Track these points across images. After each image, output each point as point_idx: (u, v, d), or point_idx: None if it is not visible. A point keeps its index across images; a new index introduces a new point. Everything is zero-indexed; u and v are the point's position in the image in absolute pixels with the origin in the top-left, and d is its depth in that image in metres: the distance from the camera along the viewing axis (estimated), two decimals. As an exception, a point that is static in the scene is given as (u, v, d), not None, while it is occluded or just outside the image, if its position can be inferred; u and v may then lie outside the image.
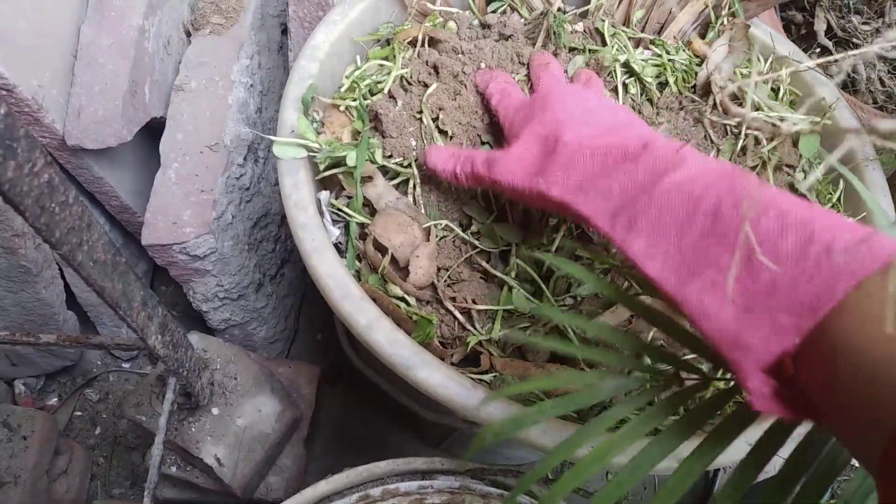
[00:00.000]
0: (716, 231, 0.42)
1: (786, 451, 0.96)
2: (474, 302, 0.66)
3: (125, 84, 0.93)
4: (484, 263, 0.67)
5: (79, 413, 1.25)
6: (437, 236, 0.68)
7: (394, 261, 0.67)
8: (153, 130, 1.02)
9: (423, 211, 0.70)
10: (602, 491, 0.48)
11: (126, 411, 0.90)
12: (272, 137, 0.70)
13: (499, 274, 0.67)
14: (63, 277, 1.09)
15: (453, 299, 0.67)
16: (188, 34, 1.11)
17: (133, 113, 0.95)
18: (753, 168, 0.78)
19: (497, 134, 0.74)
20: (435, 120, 0.74)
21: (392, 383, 0.93)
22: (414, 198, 0.70)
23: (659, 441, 0.52)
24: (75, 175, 1.00)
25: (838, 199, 0.82)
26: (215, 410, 0.89)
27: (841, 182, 0.83)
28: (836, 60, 1.06)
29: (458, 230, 0.69)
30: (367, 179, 0.69)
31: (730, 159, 0.78)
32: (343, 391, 1.31)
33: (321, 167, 0.71)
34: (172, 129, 0.99)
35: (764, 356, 0.37)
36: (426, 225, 0.68)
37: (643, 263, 0.45)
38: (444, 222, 0.69)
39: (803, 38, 1.21)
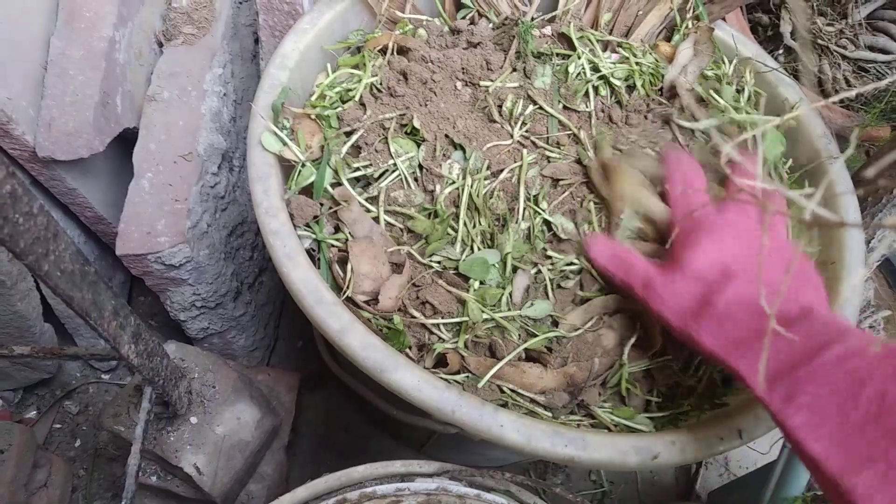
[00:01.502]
0: (883, 421, 0.42)
1: (763, 445, 0.97)
2: (437, 312, 0.67)
3: (96, 95, 0.93)
4: (443, 283, 0.68)
5: (58, 426, 1.24)
6: (408, 269, 0.68)
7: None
8: (126, 141, 1.02)
9: (392, 235, 0.71)
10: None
11: (104, 422, 0.90)
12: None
13: (454, 290, 0.67)
14: (39, 290, 1.08)
15: (421, 308, 0.67)
16: (160, 45, 1.11)
17: (105, 124, 0.95)
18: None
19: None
20: (409, 132, 0.75)
21: (371, 389, 0.93)
22: (383, 219, 0.71)
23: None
24: (48, 187, 1.00)
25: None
26: (194, 419, 0.89)
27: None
28: (797, 63, 1.07)
29: (419, 257, 0.69)
30: (343, 204, 0.70)
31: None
32: (324, 398, 1.31)
33: (289, 190, 0.71)
34: (145, 139, 0.99)
35: None
36: (394, 250, 0.69)
37: (804, 440, 0.45)
38: (406, 249, 0.70)
39: (770, 39, 1.24)
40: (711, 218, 0.62)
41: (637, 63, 0.84)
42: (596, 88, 0.82)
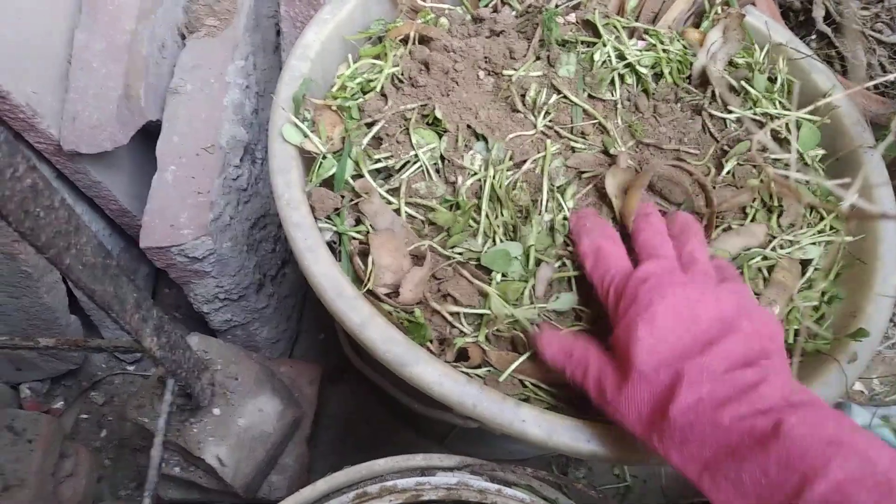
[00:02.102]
0: None
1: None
2: (459, 305, 0.66)
3: (120, 88, 0.93)
4: (466, 273, 0.67)
5: (84, 416, 1.26)
6: (429, 261, 0.68)
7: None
8: (149, 134, 1.02)
9: (413, 227, 0.70)
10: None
11: (129, 413, 0.91)
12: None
13: (476, 282, 0.66)
14: (65, 282, 1.09)
15: (442, 301, 0.66)
16: (183, 37, 1.11)
17: (128, 116, 0.95)
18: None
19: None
20: (430, 122, 0.74)
21: (392, 382, 0.93)
22: (404, 211, 0.70)
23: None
24: (73, 180, 1.00)
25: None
26: (216, 411, 0.89)
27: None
28: (836, 49, 1.04)
29: (440, 249, 0.68)
30: (364, 196, 0.69)
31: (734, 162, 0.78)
32: (346, 390, 1.31)
33: (310, 182, 0.70)
34: (168, 132, 0.99)
35: None
36: (416, 246, 0.68)
37: None
38: (427, 243, 0.68)
39: (801, 24, 1.20)
40: (643, 294, 0.53)
41: (664, 50, 0.82)
42: (622, 77, 0.80)
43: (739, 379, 0.47)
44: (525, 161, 0.73)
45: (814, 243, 0.75)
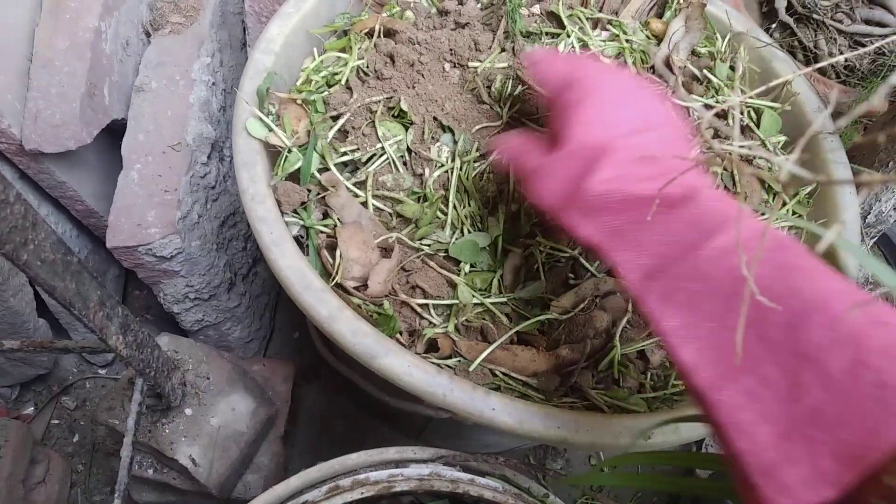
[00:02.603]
0: (760, 325, 0.35)
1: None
2: (428, 296, 0.66)
3: (83, 86, 0.92)
4: (434, 265, 0.67)
5: (56, 421, 1.24)
6: (397, 253, 0.68)
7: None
8: (115, 133, 1.01)
9: (381, 220, 0.70)
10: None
11: (99, 416, 0.90)
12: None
13: (444, 273, 0.67)
14: (33, 285, 1.07)
15: (411, 293, 0.66)
16: (147, 34, 1.10)
17: (92, 115, 0.94)
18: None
19: (465, 119, 0.74)
20: (396, 115, 0.74)
21: (363, 376, 0.93)
22: (371, 204, 0.70)
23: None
24: (37, 180, 0.99)
25: (808, 196, 0.81)
26: (188, 411, 0.88)
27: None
28: (795, 36, 1.06)
29: (408, 241, 0.68)
30: (330, 189, 0.69)
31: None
32: (321, 388, 1.30)
33: (276, 176, 0.70)
34: (134, 130, 0.98)
35: (796, 502, 0.32)
36: (383, 238, 0.68)
37: (676, 347, 0.39)
38: (395, 235, 0.69)
39: (765, 15, 1.22)
40: (587, 81, 0.53)
41: (627, 40, 0.82)
42: (586, 67, 0.81)
43: (666, 164, 0.47)
44: (491, 152, 0.74)
45: (777, 228, 0.76)
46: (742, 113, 0.80)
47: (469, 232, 0.69)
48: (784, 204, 0.77)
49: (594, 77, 0.54)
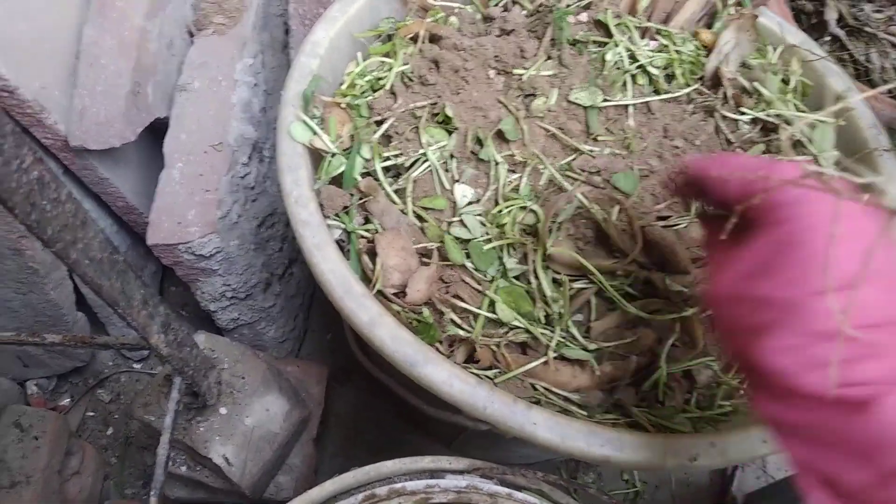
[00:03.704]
0: None
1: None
2: (465, 304, 0.65)
3: (127, 84, 0.93)
4: (470, 281, 0.67)
5: (91, 413, 1.25)
6: (437, 262, 0.67)
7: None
8: (157, 131, 1.02)
9: (421, 226, 0.70)
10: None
11: (135, 412, 0.90)
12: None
13: (479, 288, 0.66)
14: (72, 279, 1.09)
15: (451, 302, 0.66)
16: (191, 34, 1.11)
17: (136, 113, 0.95)
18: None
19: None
20: (440, 121, 0.73)
21: (400, 383, 0.92)
22: (411, 211, 0.70)
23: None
24: (80, 176, 1.00)
25: None
26: (223, 410, 0.88)
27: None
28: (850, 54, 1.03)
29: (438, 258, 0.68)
30: (371, 195, 0.68)
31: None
32: (353, 391, 1.30)
33: (319, 180, 0.70)
34: (176, 129, 0.99)
35: None
36: (422, 245, 0.68)
37: None
38: (435, 245, 0.68)
39: (813, 27, 1.19)
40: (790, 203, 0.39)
41: (676, 51, 0.81)
42: (634, 77, 0.80)
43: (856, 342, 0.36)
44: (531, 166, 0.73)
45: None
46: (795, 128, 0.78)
47: (508, 256, 0.68)
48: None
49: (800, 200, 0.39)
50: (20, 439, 0.99)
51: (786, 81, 0.83)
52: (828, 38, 1.14)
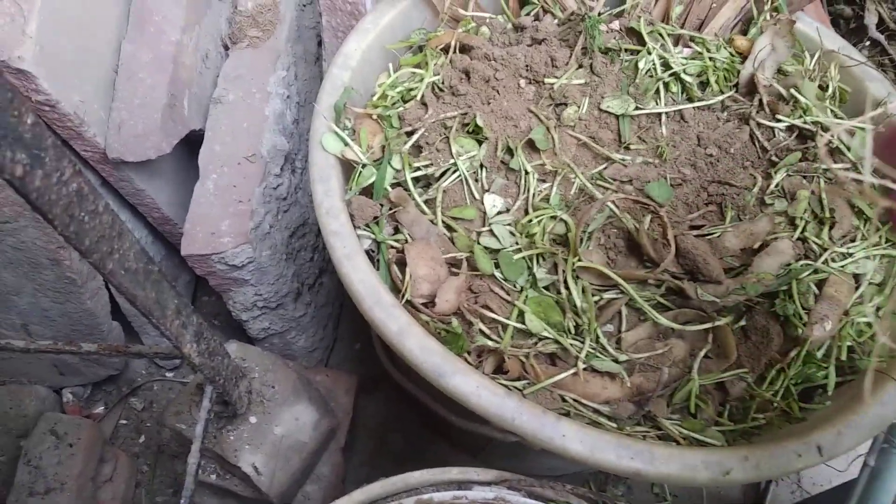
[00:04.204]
0: None
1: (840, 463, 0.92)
2: (490, 310, 0.64)
3: (164, 97, 0.95)
4: (499, 292, 0.66)
5: (124, 421, 1.27)
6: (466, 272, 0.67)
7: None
8: (192, 143, 1.04)
9: (450, 236, 0.69)
10: None
11: (167, 420, 0.91)
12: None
13: (508, 298, 0.66)
14: (108, 288, 1.11)
15: (480, 312, 0.65)
16: (226, 48, 1.13)
17: (172, 126, 0.97)
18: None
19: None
20: (470, 131, 0.73)
21: (428, 393, 0.92)
22: (440, 221, 0.69)
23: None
24: (117, 188, 1.02)
25: None
26: (253, 419, 0.89)
27: None
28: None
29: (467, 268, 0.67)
30: (401, 206, 0.69)
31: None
32: (381, 401, 1.30)
33: (350, 191, 0.70)
34: (211, 141, 1.00)
35: None
36: (451, 256, 0.67)
37: None
38: (464, 255, 0.68)
39: (853, 32, 1.17)
40: None
41: (711, 58, 0.80)
42: (667, 85, 0.79)
43: None
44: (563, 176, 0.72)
45: (868, 257, 0.71)
46: (833, 135, 0.76)
47: (539, 266, 0.68)
48: (877, 230, 0.73)
49: None
50: (56, 446, 1.01)
51: (823, 88, 0.81)
52: (868, 43, 1.12)
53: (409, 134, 0.73)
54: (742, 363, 0.65)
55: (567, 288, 0.65)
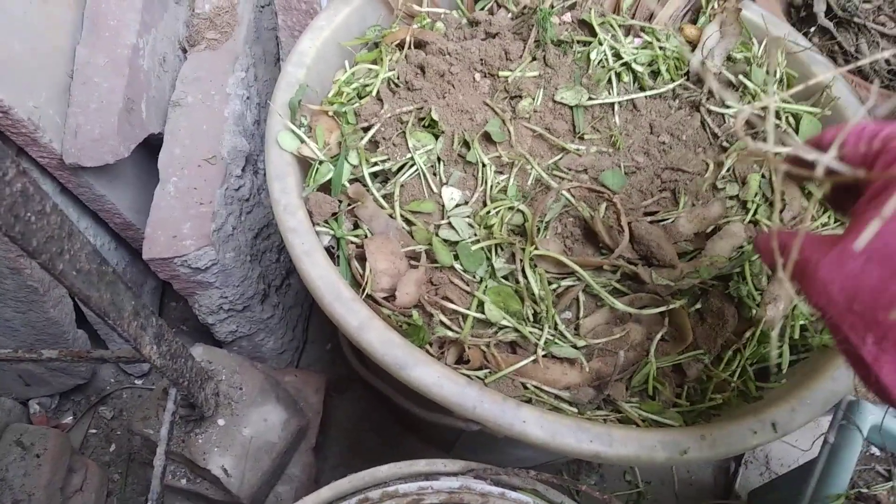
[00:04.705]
0: None
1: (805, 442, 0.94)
2: (450, 301, 0.65)
3: (121, 101, 0.94)
4: (459, 283, 0.67)
5: (93, 431, 1.26)
6: (425, 264, 0.67)
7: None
8: (152, 147, 1.03)
9: (409, 230, 0.70)
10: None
11: (134, 425, 0.91)
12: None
13: (467, 289, 0.66)
14: (72, 297, 1.10)
15: (441, 304, 0.66)
16: (184, 50, 1.12)
17: (130, 130, 0.96)
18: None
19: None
20: (426, 125, 0.74)
21: (394, 387, 0.92)
22: (399, 215, 0.70)
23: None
24: (77, 194, 1.01)
25: None
26: (221, 421, 0.89)
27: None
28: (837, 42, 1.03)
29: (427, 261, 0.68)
30: (359, 201, 0.69)
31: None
32: (354, 400, 1.30)
33: (307, 187, 0.71)
34: (170, 144, 1.00)
35: None
36: (411, 248, 0.68)
37: None
38: (423, 248, 0.68)
39: (803, 20, 1.19)
40: None
41: (661, 47, 0.81)
42: (619, 75, 0.80)
43: None
44: (520, 166, 0.73)
45: (818, 237, 0.73)
46: (780, 118, 0.78)
47: (497, 257, 0.68)
48: (826, 211, 0.75)
49: None
50: (22, 457, 0.99)
51: (771, 73, 0.83)
52: (814, 29, 1.15)
53: (366, 129, 0.74)
54: (699, 345, 0.67)
55: (525, 277, 0.66)
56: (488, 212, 0.70)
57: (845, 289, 0.37)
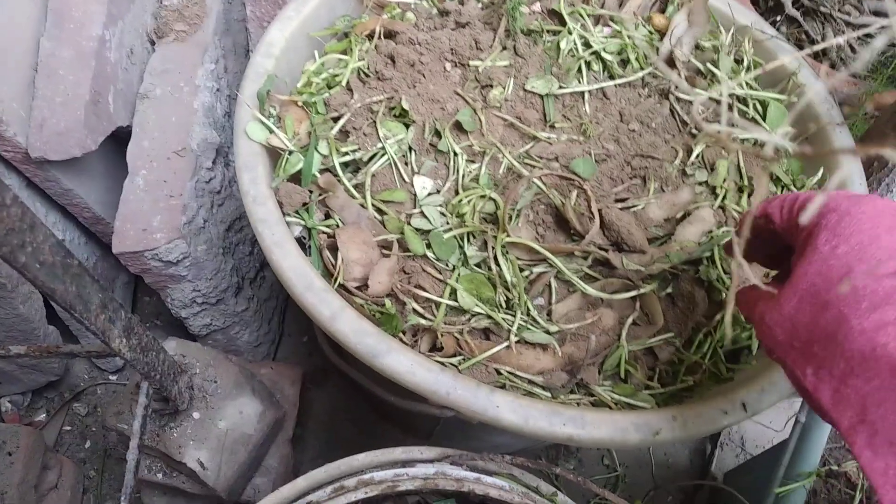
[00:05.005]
0: None
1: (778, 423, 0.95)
2: (427, 294, 0.65)
3: (87, 94, 0.93)
4: (431, 271, 0.67)
5: (68, 427, 1.25)
6: (397, 252, 0.67)
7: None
8: (121, 141, 1.02)
9: (381, 219, 0.70)
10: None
11: (108, 420, 0.90)
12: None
13: (440, 277, 0.67)
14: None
15: (414, 292, 0.66)
16: (152, 42, 1.11)
17: (97, 122, 0.95)
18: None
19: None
20: (397, 115, 0.74)
21: (369, 377, 0.92)
22: (370, 205, 0.70)
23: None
24: (44, 188, 1.00)
25: (817, 187, 0.80)
26: (196, 414, 0.88)
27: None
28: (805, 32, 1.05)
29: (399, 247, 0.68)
30: (330, 191, 0.69)
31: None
32: (332, 392, 1.30)
33: (277, 178, 0.70)
34: (139, 137, 0.98)
35: None
36: (382, 238, 0.68)
37: None
38: (395, 237, 0.68)
39: (771, 9, 1.21)
40: (839, 205, 0.43)
41: (629, 37, 0.82)
42: (588, 64, 0.81)
43: None
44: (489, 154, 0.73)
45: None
46: (748, 105, 0.79)
47: (469, 243, 0.69)
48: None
49: (847, 200, 0.43)
50: (-6, 456, 0.98)
51: (739, 61, 0.84)
52: (782, 18, 1.16)
53: (336, 119, 0.73)
54: (670, 328, 0.68)
55: (497, 264, 0.66)
56: (460, 200, 0.70)
57: (786, 329, 0.43)
